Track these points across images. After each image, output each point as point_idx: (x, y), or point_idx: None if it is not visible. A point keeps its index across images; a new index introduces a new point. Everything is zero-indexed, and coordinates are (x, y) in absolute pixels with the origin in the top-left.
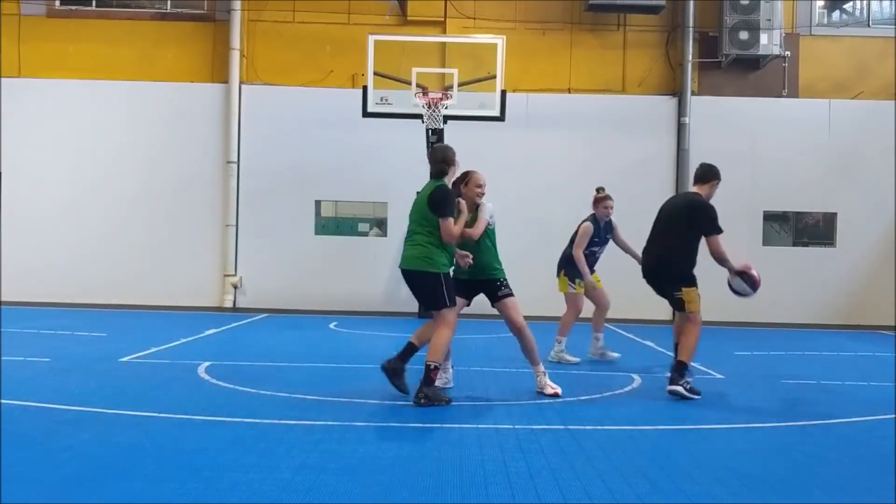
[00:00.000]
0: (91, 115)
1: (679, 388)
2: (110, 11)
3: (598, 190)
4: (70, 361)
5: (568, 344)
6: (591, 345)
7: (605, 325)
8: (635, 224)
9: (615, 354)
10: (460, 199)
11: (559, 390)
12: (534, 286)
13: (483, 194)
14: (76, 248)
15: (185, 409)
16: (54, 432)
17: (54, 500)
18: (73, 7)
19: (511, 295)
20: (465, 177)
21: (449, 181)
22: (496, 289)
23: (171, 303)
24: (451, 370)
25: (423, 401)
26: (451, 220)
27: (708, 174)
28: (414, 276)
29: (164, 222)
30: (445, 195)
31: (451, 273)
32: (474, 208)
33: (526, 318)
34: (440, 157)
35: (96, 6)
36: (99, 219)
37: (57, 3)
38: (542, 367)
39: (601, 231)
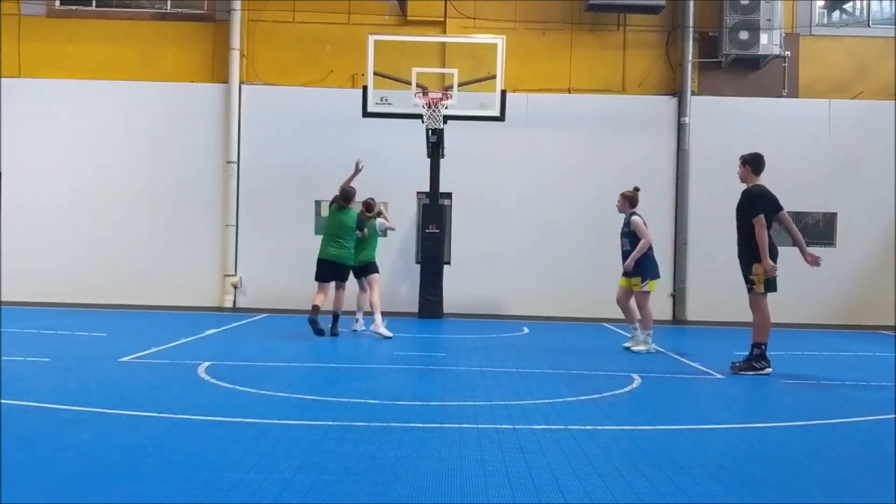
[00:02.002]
0: (91, 116)
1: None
2: (110, 11)
3: (636, 189)
4: (70, 361)
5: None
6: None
7: (607, 324)
8: None
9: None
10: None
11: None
12: (532, 286)
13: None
14: (76, 247)
15: (185, 409)
16: (54, 432)
17: (54, 500)
18: (73, 7)
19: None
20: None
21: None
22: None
23: (170, 303)
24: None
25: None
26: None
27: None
28: (337, 265)
29: (164, 222)
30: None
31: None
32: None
33: (524, 318)
34: (352, 195)
35: (96, 6)
36: (99, 219)
37: (57, 3)
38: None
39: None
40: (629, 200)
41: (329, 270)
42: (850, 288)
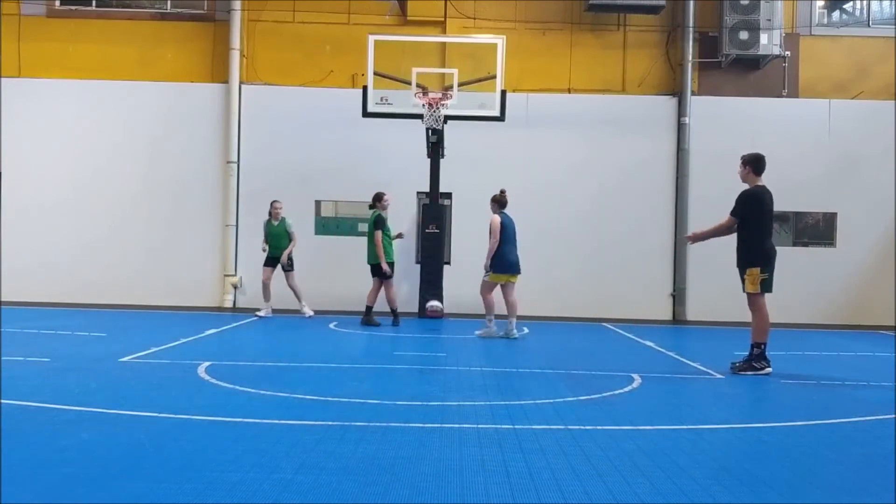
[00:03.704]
0: (91, 115)
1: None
2: (110, 11)
3: (503, 191)
4: (70, 361)
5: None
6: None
7: (607, 324)
8: (635, 223)
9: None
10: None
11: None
12: (532, 286)
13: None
14: (76, 247)
15: (185, 409)
16: (54, 432)
17: (55, 499)
18: (73, 7)
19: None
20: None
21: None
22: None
23: (170, 303)
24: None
25: None
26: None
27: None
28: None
29: (163, 222)
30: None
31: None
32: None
33: (524, 318)
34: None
35: (96, 6)
36: (99, 218)
37: (57, 3)
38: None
39: None
40: (497, 203)
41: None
42: (849, 288)
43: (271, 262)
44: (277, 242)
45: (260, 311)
